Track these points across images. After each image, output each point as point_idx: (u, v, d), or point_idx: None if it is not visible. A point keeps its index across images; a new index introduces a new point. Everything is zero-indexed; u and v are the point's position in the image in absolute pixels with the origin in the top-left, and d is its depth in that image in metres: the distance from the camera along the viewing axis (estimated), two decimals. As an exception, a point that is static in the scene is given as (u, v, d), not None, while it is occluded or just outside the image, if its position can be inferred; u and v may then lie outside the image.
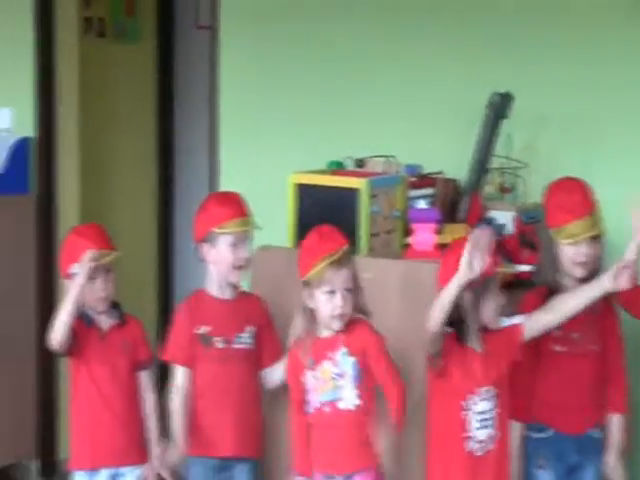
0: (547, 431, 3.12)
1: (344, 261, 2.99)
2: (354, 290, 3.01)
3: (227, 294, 3.29)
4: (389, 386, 2.99)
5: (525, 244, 3.34)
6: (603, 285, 2.92)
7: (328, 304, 2.97)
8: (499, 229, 3.60)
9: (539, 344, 3.09)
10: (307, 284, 3.01)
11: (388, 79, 4.01)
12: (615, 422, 3.11)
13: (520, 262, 3.21)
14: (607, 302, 3.08)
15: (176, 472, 3.40)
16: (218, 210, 3.26)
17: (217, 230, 3.18)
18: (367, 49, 4.06)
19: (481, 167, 3.48)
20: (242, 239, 3.23)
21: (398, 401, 2.98)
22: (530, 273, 3.28)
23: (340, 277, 2.96)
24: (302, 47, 4.21)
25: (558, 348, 3.09)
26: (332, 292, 2.96)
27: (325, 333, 3.03)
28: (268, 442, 3.31)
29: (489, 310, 2.88)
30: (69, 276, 3.19)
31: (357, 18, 4.07)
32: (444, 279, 2.89)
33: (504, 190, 3.67)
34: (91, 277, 3.14)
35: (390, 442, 3.00)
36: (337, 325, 2.99)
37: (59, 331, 3.16)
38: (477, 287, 2.88)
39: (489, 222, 3.47)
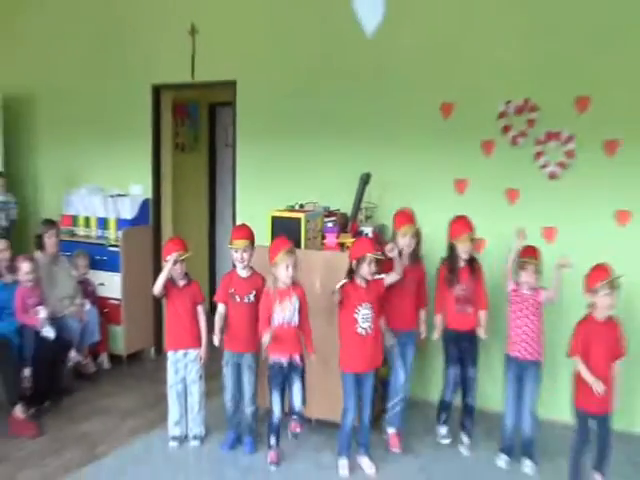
0: None
1: (291, 252, 4.26)
2: (295, 267, 4.28)
3: (244, 274, 4.67)
4: (304, 322, 4.28)
5: (378, 242, 4.67)
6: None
7: (286, 273, 4.25)
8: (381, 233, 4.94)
9: None
10: (274, 264, 4.27)
11: (320, 164, 5.68)
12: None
13: (377, 251, 4.36)
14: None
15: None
16: (233, 233, 4.64)
17: (230, 246, 4.62)
18: (310, 147, 5.72)
19: (357, 207, 5.14)
20: (241, 250, 4.53)
21: (309, 333, 4.24)
22: (383, 255, 4.43)
23: (290, 259, 4.24)
24: (279, 153, 5.85)
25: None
26: (287, 267, 4.24)
27: (282, 287, 4.30)
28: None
29: (365, 271, 4.21)
30: (166, 261, 4.68)
31: (305, 129, 5.60)
32: (353, 256, 4.24)
33: (367, 218, 5.27)
34: (175, 263, 4.63)
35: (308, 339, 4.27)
36: (289, 282, 4.29)
37: (157, 287, 4.66)
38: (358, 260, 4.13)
39: (361, 233, 5.02)
